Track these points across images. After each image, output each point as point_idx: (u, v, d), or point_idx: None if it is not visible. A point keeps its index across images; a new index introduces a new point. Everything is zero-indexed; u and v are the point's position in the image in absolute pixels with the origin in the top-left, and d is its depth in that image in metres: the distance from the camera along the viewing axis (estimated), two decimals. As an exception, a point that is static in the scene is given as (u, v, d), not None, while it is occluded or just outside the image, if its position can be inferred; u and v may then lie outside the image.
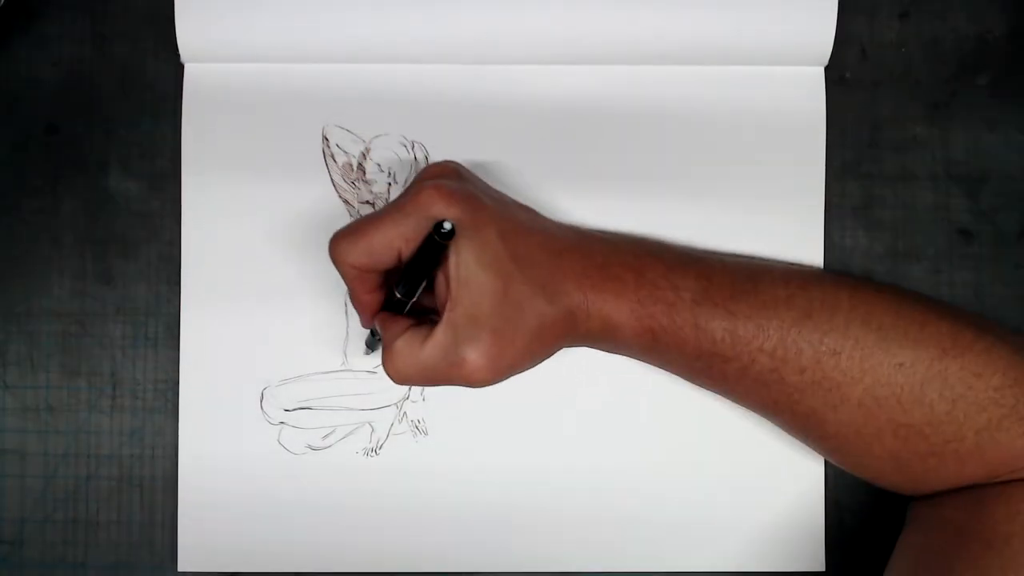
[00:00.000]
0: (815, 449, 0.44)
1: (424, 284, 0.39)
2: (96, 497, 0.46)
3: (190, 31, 0.45)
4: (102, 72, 0.47)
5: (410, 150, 0.47)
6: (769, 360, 0.39)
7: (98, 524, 0.46)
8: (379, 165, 0.47)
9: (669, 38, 0.45)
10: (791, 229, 0.46)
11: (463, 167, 0.41)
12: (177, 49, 0.46)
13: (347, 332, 0.46)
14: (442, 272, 0.38)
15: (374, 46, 0.46)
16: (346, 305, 0.46)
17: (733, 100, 0.46)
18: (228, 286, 0.46)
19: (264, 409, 0.46)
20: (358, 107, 0.46)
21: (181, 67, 0.47)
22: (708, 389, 0.43)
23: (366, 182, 0.47)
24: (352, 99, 0.46)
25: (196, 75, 0.47)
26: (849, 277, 0.44)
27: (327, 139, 0.47)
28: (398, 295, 0.39)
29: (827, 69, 0.46)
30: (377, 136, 0.47)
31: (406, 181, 0.47)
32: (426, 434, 0.46)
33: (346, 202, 0.47)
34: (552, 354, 0.41)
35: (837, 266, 0.46)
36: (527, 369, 0.40)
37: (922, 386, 0.38)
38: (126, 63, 0.47)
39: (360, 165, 0.47)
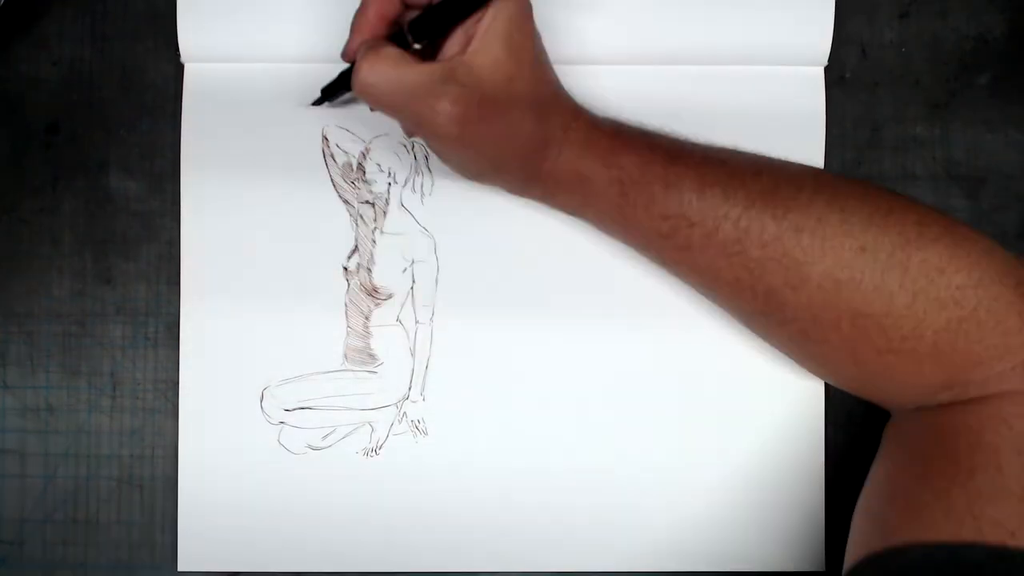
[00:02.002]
0: (775, 340, 0.43)
1: (428, 41, 0.39)
2: (96, 497, 0.46)
3: (190, 31, 0.45)
4: (102, 72, 0.47)
5: (410, 150, 0.47)
6: (733, 229, 0.39)
7: (98, 524, 0.46)
8: (379, 165, 0.47)
9: (669, 38, 0.45)
10: (791, 229, 0.46)
11: None
12: (177, 49, 0.46)
13: (347, 331, 0.46)
14: (465, 31, 0.38)
15: (374, 46, 0.46)
16: (346, 305, 0.46)
17: (733, 100, 0.46)
18: (228, 286, 0.46)
19: (264, 409, 0.46)
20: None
21: (181, 67, 0.47)
22: (670, 266, 0.43)
23: (366, 182, 0.47)
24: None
25: (196, 75, 0.47)
26: (814, 168, 0.44)
27: (327, 139, 0.47)
28: (407, 33, 0.38)
29: (827, 69, 0.46)
30: (377, 136, 0.47)
31: (406, 181, 0.47)
32: (426, 434, 0.46)
33: (346, 202, 0.47)
34: (507, 173, 0.41)
35: (837, 266, 0.46)
36: (477, 167, 0.41)
37: (883, 274, 0.38)
38: (126, 63, 0.47)
39: (360, 165, 0.47)
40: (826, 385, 0.46)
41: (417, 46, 0.39)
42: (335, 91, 0.44)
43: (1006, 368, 0.37)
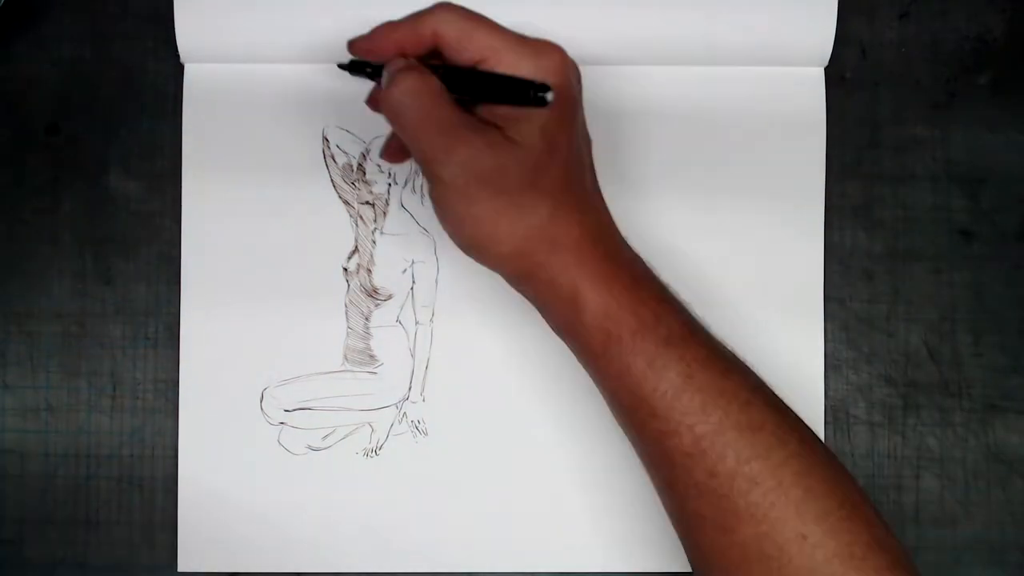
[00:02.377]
0: (678, 529, 0.40)
1: (458, 97, 0.36)
2: (96, 497, 0.46)
3: (190, 31, 0.45)
4: (102, 72, 0.47)
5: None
6: (692, 444, 0.36)
7: (98, 524, 0.46)
8: (379, 166, 0.47)
9: (669, 38, 0.45)
10: (791, 229, 0.46)
11: (581, 81, 0.39)
12: (177, 49, 0.46)
13: (347, 332, 0.46)
14: (504, 112, 0.36)
15: (374, 46, 0.45)
16: (346, 306, 0.46)
17: (733, 100, 0.46)
18: (228, 286, 0.46)
19: (264, 409, 0.46)
20: (358, 108, 0.46)
21: (181, 67, 0.47)
22: (622, 429, 0.40)
23: (366, 182, 0.47)
24: (352, 100, 0.46)
25: (196, 75, 0.47)
26: (809, 428, 0.39)
27: (327, 140, 0.47)
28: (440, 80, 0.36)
29: (827, 69, 0.46)
30: (377, 137, 0.47)
31: (406, 181, 0.47)
32: (426, 434, 0.46)
33: (346, 202, 0.47)
34: (507, 257, 0.37)
35: (837, 266, 0.46)
36: (477, 238, 0.37)
37: (811, 573, 0.35)
38: (126, 63, 0.47)
39: (360, 166, 0.47)
40: (825, 386, 0.46)
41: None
42: (357, 72, 0.41)
43: None
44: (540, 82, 0.34)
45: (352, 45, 0.39)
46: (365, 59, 0.39)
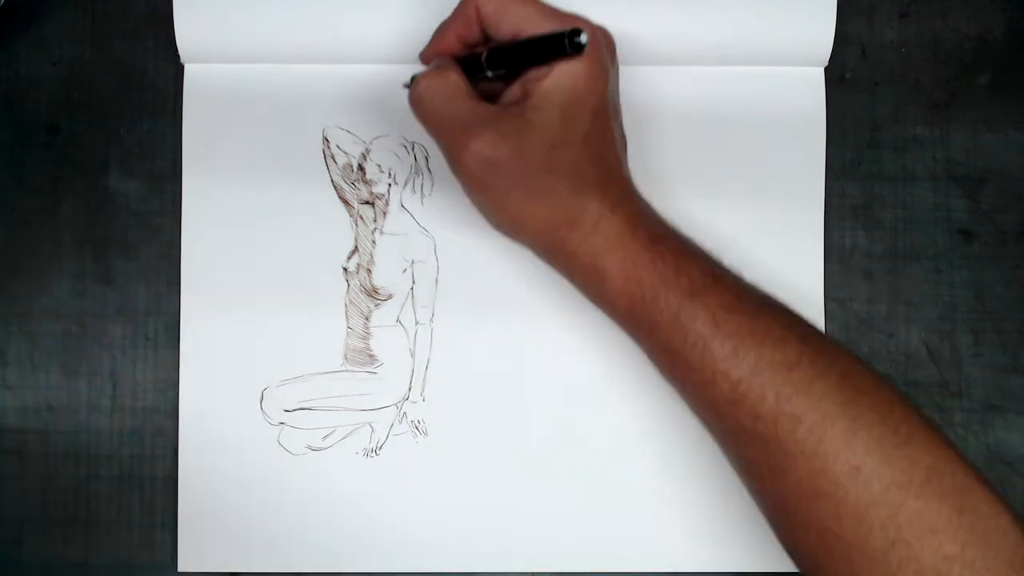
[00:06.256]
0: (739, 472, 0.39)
1: (504, 72, 0.39)
2: (96, 497, 0.46)
3: (190, 31, 0.45)
4: (102, 72, 0.47)
5: (410, 151, 0.47)
6: (730, 390, 0.36)
7: (98, 524, 0.46)
8: (379, 166, 0.47)
9: (669, 39, 0.45)
10: (791, 229, 0.46)
11: (617, 59, 0.41)
12: (177, 49, 0.46)
13: (347, 332, 0.46)
14: (525, 85, 0.38)
15: (374, 47, 0.46)
16: (346, 306, 0.46)
17: (733, 100, 0.46)
18: (228, 286, 0.46)
19: (264, 409, 0.46)
20: (358, 108, 0.46)
21: (181, 67, 0.47)
22: (673, 388, 0.40)
23: (366, 183, 0.47)
24: (352, 100, 0.46)
25: (196, 75, 0.47)
26: (857, 357, 0.37)
27: (327, 140, 0.47)
28: (483, 62, 0.39)
29: (827, 69, 0.46)
30: (377, 137, 0.47)
31: (406, 182, 0.47)
32: (426, 434, 0.46)
33: (346, 203, 0.47)
34: (525, 232, 0.39)
35: (837, 266, 0.46)
36: (494, 216, 0.39)
37: (868, 507, 0.34)
38: (126, 63, 0.47)
39: (360, 166, 0.47)
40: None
41: (490, 74, 0.39)
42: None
43: None
44: (572, 29, 0.35)
45: (422, 57, 0.42)
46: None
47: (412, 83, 0.39)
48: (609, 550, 0.46)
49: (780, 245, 0.46)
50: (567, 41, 0.35)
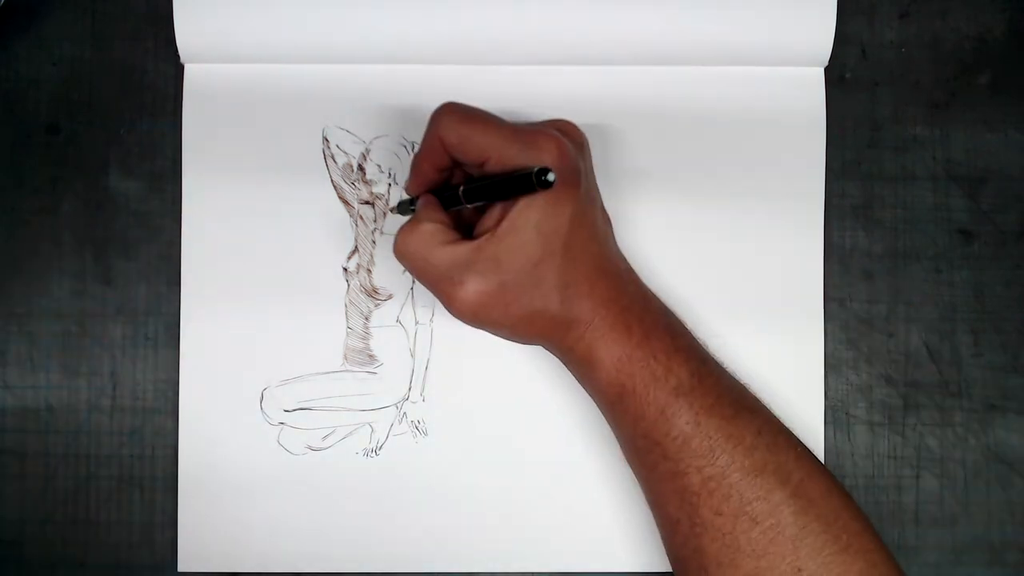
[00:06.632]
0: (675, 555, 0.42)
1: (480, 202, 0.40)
2: (96, 497, 0.46)
3: (190, 31, 0.45)
4: (102, 72, 0.47)
5: (410, 151, 0.47)
6: (700, 484, 0.39)
7: (98, 524, 0.46)
8: (379, 166, 0.47)
9: (669, 39, 0.45)
10: (791, 229, 0.46)
11: (588, 145, 0.42)
12: (177, 49, 0.46)
13: (347, 332, 0.46)
14: (502, 207, 0.39)
15: (374, 47, 0.46)
16: (346, 306, 0.46)
17: (733, 100, 0.46)
18: (228, 286, 0.46)
19: (264, 409, 0.46)
20: (358, 108, 0.46)
21: (181, 67, 0.47)
22: (632, 469, 0.42)
23: (366, 183, 0.47)
24: (352, 100, 0.46)
25: (196, 75, 0.47)
26: (813, 458, 0.41)
27: (327, 140, 0.47)
28: (461, 196, 0.39)
29: (827, 69, 0.46)
30: (377, 137, 0.47)
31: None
32: (426, 434, 0.46)
33: (346, 202, 0.47)
34: (528, 341, 0.41)
35: (837, 266, 0.46)
36: (498, 335, 0.41)
37: None
38: (126, 63, 0.47)
39: (360, 166, 0.47)
40: (825, 386, 0.46)
41: (470, 207, 0.40)
42: (407, 211, 0.44)
43: None
44: (539, 168, 0.36)
45: (406, 190, 0.43)
46: (415, 196, 0.42)
47: (396, 237, 0.40)
48: (609, 550, 0.46)
49: (780, 245, 0.46)
50: (534, 179, 0.36)
